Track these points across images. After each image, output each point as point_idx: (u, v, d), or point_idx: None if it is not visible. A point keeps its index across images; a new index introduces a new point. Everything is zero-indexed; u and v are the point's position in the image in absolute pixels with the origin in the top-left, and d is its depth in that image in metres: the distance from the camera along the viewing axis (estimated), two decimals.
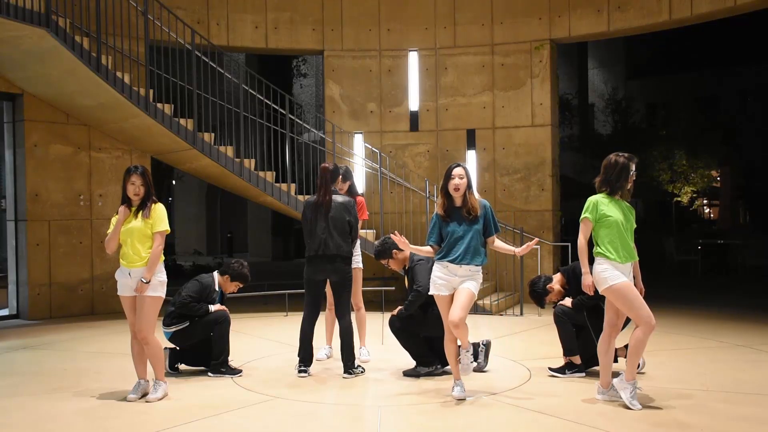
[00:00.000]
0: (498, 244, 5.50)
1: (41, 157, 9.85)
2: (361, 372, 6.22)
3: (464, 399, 5.29)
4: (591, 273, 5.22)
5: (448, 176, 5.30)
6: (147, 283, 5.35)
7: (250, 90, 10.29)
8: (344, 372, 6.14)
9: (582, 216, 5.26)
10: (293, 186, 10.38)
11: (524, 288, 10.20)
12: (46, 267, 9.84)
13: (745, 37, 26.17)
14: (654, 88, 30.34)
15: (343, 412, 5.15)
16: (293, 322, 8.24)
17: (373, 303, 9.81)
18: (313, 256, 6.14)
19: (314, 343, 6.27)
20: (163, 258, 5.53)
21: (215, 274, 6.54)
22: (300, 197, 10.37)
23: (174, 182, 23.58)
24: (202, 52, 9.74)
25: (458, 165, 5.38)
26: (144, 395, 5.49)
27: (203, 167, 10.35)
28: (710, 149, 25.06)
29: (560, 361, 6.28)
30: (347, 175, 6.81)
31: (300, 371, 6.17)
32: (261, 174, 10.06)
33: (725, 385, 5.73)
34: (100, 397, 5.56)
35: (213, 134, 9.86)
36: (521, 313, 9.92)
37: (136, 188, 5.42)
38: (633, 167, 5.28)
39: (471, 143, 11.73)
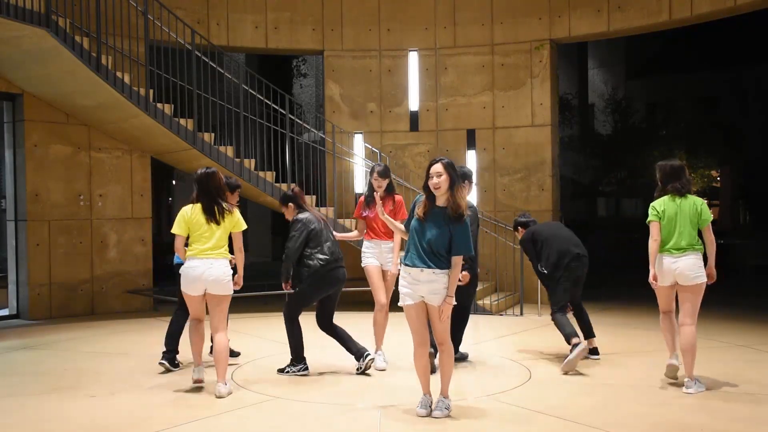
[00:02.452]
0: (455, 272, 4.81)
1: (41, 157, 9.85)
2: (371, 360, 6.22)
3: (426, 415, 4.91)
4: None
5: (427, 174, 4.87)
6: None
7: (250, 90, 10.29)
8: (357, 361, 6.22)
9: (711, 218, 5.75)
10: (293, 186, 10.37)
11: (524, 288, 10.21)
12: (46, 267, 9.84)
13: (745, 37, 26.17)
14: (654, 88, 30.34)
15: (342, 412, 5.15)
16: None
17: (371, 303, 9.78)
18: (332, 260, 6.13)
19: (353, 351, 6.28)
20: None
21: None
22: None
23: (174, 182, 23.57)
24: (202, 52, 9.74)
25: (438, 161, 4.88)
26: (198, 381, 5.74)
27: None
28: (710, 149, 25.06)
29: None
30: (386, 172, 6.59)
31: (300, 371, 6.18)
32: (261, 174, 10.06)
33: (725, 385, 5.73)
34: (100, 397, 5.56)
35: (213, 134, 9.87)
36: (521, 313, 9.91)
37: None
38: None
39: (471, 143, 11.73)
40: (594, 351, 6.85)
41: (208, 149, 9.65)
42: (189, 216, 5.67)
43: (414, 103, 11.90)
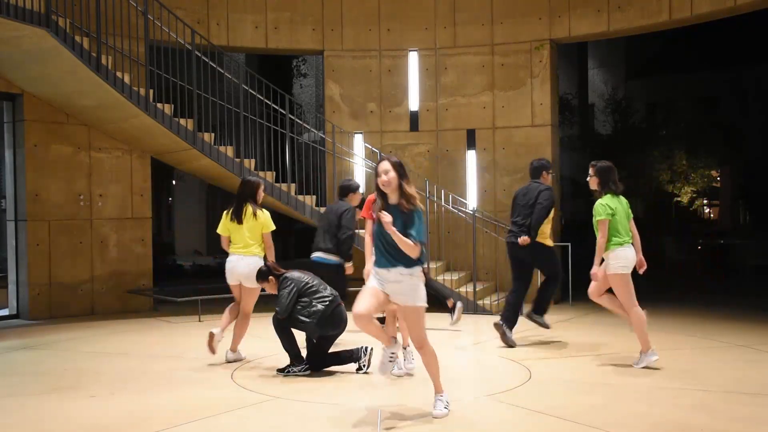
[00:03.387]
0: (403, 238, 4.73)
1: (41, 157, 9.85)
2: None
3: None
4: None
5: (376, 173, 4.88)
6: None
7: (250, 90, 10.29)
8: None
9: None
10: (293, 186, 10.38)
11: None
12: (46, 267, 9.84)
13: (745, 37, 26.16)
14: (654, 88, 30.32)
15: (342, 412, 5.14)
16: None
17: None
18: (334, 299, 6.28)
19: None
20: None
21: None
22: (300, 197, 10.37)
23: (174, 182, 23.59)
24: (202, 52, 9.74)
25: (385, 159, 4.92)
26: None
27: (203, 167, 10.35)
28: (710, 149, 25.05)
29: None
30: None
31: (301, 371, 6.19)
32: (261, 174, 10.06)
33: (725, 385, 5.73)
34: (100, 397, 5.56)
35: (213, 134, 9.86)
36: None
37: None
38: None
39: (471, 143, 11.73)
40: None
41: (208, 149, 9.65)
42: (225, 218, 6.73)
43: (414, 103, 11.90)
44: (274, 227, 6.78)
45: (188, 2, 11.07)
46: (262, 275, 6.36)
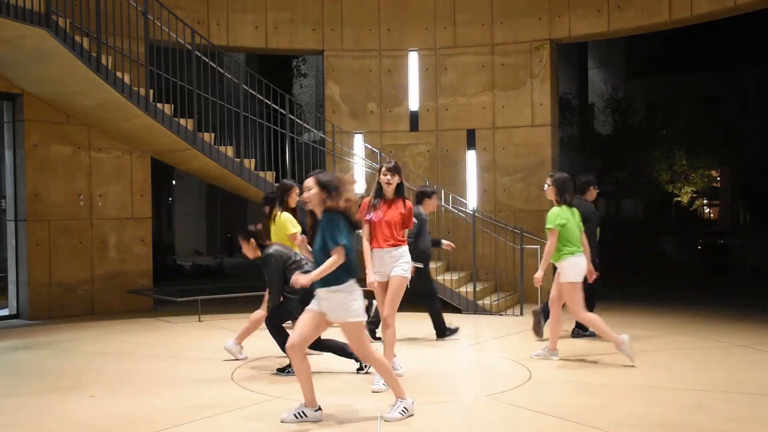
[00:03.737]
0: (325, 265, 4.53)
1: (41, 157, 9.85)
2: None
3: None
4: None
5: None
6: None
7: (250, 90, 10.29)
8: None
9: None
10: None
11: (524, 288, 10.21)
12: (46, 267, 9.84)
13: (745, 37, 26.18)
14: (654, 88, 30.35)
15: (342, 412, 5.14)
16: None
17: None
18: None
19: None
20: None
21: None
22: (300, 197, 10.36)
23: (174, 182, 23.61)
24: (202, 52, 9.74)
25: (311, 176, 4.68)
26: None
27: (203, 167, 10.35)
28: (710, 149, 25.07)
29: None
30: (397, 169, 6.17)
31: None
32: (261, 174, 10.06)
33: (725, 385, 5.73)
34: (99, 397, 5.56)
35: (213, 134, 9.87)
36: (521, 313, 9.91)
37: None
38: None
39: (471, 143, 11.73)
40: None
41: (208, 149, 9.66)
42: None
43: (414, 103, 11.90)
44: (292, 230, 6.65)
45: (188, 2, 11.07)
46: (245, 234, 6.11)
